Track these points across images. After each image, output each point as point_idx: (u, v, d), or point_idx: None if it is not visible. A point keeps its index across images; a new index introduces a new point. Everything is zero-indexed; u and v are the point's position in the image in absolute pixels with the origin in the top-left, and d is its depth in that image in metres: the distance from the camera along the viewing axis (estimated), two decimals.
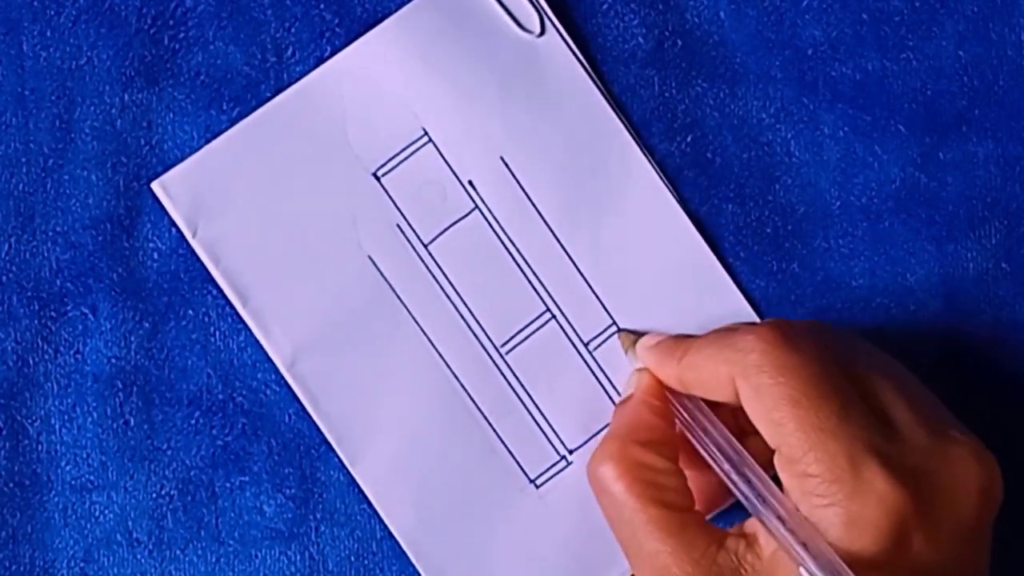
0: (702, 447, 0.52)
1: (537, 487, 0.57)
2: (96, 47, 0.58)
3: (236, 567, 0.57)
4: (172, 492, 0.57)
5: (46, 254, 0.57)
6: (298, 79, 0.58)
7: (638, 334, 0.57)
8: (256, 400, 0.57)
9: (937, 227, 0.58)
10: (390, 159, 0.58)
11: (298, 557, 0.57)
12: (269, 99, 0.57)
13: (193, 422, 0.57)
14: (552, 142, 0.58)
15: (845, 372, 0.50)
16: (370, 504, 0.57)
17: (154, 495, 0.57)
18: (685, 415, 0.53)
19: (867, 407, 0.50)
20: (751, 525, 0.50)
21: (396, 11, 0.58)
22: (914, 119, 0.58)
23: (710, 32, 0.58)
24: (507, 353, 0.57)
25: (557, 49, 0.58)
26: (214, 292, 0.57)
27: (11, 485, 0.57)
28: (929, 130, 0.59)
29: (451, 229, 0.58)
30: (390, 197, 0.57)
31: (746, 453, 0.51)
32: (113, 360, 0.57)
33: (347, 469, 0.57)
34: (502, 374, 0.57)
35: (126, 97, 0.58)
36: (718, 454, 0.51)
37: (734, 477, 0.50)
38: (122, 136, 0.58)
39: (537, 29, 0.58)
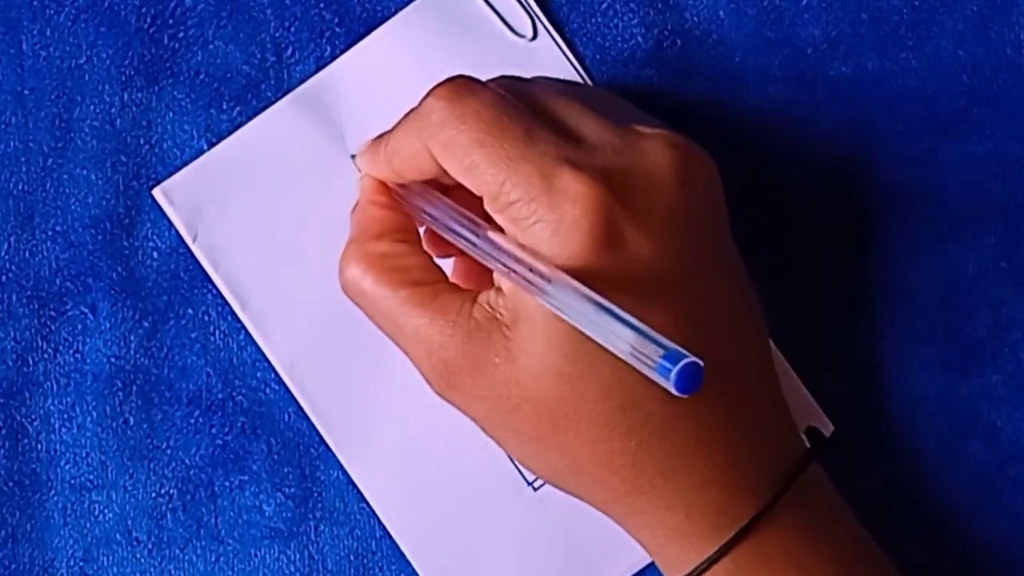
0: (431, 223, 0.53)
1: (535, 489, 0.57)
2: (96, 46, 0.58)
3: (235, 566, 0.57)
4: (172, 491, 0.57)
5: (45, 253, 0.57)
6: (298, 78, 0.58)
7: None
8: (255, 399, 0.57)
9: (937, 227, 0.58)
10: None
11: (297, 556, 0.57)
12: (269, 98, 0.57)
13: (193, 421, 0.57)
14: None
15: (528, 105, 0.51)
16: (369, 504, 0.57)
17: (153, 494, 0.57)
18: (407, 203, 0.53)
19: (553, 128, 0.50)
20: (495, 277, 0.51)
21: (395, 11, 0.58)
22: (913, 119, 0.58)
23: (709, 31, 0.58)
24: None
25: (551, 52, 0.58)
26: (214, 291, 0.57)
27: (11, 484, 0.57)
28: (928, 130, 0.58)
29: None
30: None
31: (463, 210, 0.52)
32: (113, 359, 0.57)
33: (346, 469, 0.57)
34: None
35: (126, 96, 0.58)
36: (443, 223, 0.52)
37: (461, 237, 0.51)
38: (122, 135, 0.58)
39: (529, 34, 0.58)
